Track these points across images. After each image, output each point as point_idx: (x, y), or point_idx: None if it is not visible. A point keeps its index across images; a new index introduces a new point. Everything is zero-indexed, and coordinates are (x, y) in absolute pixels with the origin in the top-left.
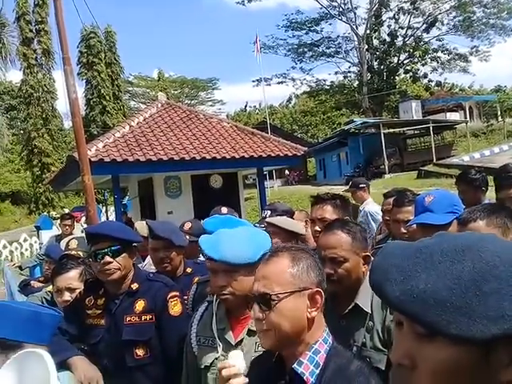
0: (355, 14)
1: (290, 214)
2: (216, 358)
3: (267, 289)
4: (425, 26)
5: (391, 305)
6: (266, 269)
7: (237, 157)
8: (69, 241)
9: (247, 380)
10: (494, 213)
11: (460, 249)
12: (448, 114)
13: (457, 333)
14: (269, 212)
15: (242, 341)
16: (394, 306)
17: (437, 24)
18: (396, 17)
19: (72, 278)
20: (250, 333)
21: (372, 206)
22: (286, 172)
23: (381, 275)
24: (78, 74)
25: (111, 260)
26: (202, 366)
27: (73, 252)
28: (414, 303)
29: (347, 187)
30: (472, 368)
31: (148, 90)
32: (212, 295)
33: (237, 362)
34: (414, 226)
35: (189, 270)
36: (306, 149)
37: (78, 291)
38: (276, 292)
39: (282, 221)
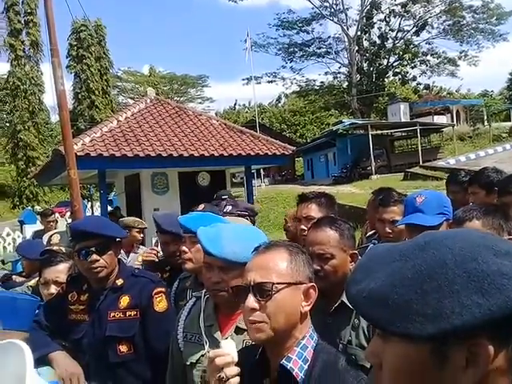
0: (346, 15)
1: (252, 212)
2: (202, 355)
3: (266, 278)
4: (415, 29)
5: (351, 304)
6: (264, 259)
7: (225, 155)
8: (51, 236)
9: (239, 370)
10: (490, 213)
11: (418, 247)
12: (435, 117)
13: (396, 330)
14: (230, 207)
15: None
16: (352, 305)
17: (427, 27)
18: (387, 19)
19: (60, 271)
20: (238, 330)
21: None
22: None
23: (349, 276)
24: (67, 66)
25: (98, 258)
26: (188, 363)
27: (55, 247)
28: (363, 302)
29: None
30: (427, 369)
31: (137, 86)
32: (190, 289)
33: (230, 350)
34: (402, 226)
35: None
36: (295, 148)
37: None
38: (276, 282)
39: (239, 222)
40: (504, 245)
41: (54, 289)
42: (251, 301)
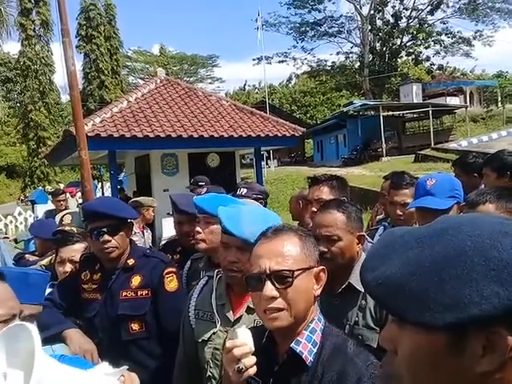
0: None
1: (265, 194)
2: (214, 333)
3: (284, 266)
4: (430, 7)
5: (366, 290)
6: (276, 245)
7: (235, 136)
8: (63, 216)
9: (256, 360)
10: (504, 197)
11: (435, 233)
12: (448, 98)
13: (412, 319)
14: (245, 190)
15: (240, 318)
16: (367, 291)
17: (442, 6)
18: None
19: (76, 250)
20: (249, 310)
21: None
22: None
23: (364, 262)
24: (77, 47)
25: (110, 238)
26: (200, 340)
27: (66, 228)
28: (378, 288)
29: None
30: (443, 357)
31: (147, 66)
32: (203, 270)
33: (247, 340)
34: (413, 209)
35: None
36: (305, 130)
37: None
38: (294, 269)
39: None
40: None
41: (69, 267)
42: (270, 289)
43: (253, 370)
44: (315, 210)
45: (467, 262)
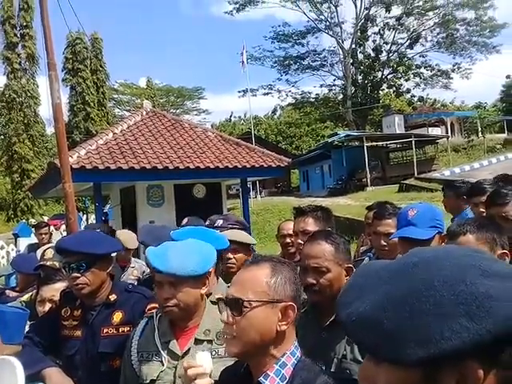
0: (341, 28)
1: (242, 224)
2: (162, 371)
3: (240, 294)
4: (409, 41)
5: (342, 327)
6: (244, 275)
7: (221, 167)
8: (45, 250)
9: (213, 381)
10: (483, 227)
11: (407, 267)
12: (430, 128)
13: (386, 356)
14: (220, 221)
15: (188, 350)
16: (343, 328)
17: (420, 40)
18: (381, 32)
19: (57, 289)
20: (198, 342)
21: None
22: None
23: (339, 298)
24: (63, 80)
25: (78, 275)
26: (148, 381)
27: (48, 263)
28: (352, 325)
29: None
30: None
31: (134, 98)
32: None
33: (204, 362)
34: (396, 239)
35: None
36: (290, 160)
37: None
38: (249, 299)
39: (236, 234)
40: (491, 264)
41: (48, 307)
42: (226, 315)
43: None
44: (301, 241)
45: (437, 296)
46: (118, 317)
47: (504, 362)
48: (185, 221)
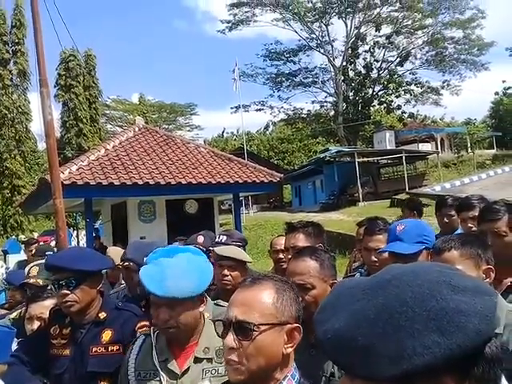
0: (332, 46)
1: (244, 241)
2: None
3: (248, 317)
4: (399, 59)
5: (320, 344)
6: (247, 295)
7: (213, 182)
8: (30, 268)
9: None
10: (468, 243)
11: (380, 284)
12: (420, 144)
13: (360, 373)
14: (224, 237)
15: (188, 369)
16: (320, 345)
17: (410, 58)
18: (371, 50)
19: (46, 307)
20: (197, 360)
21: None
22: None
23: (316, 315)
24: (55, 96)
25: (67, 292)
26: None
27: (31, 280)
28: (328, 343)
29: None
30: None
31: (126, 114)
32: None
33: None
34: (385, 254)
35: None
36: (282, 175)
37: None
38: (258, 322)
39: (234, 251)
40: (461, 280)
41: (37, 325)
42: (230, 339)
43: None
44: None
45: (409, 312)
46: (107, 335)
47: (477, 376)
48: (201, 239)
